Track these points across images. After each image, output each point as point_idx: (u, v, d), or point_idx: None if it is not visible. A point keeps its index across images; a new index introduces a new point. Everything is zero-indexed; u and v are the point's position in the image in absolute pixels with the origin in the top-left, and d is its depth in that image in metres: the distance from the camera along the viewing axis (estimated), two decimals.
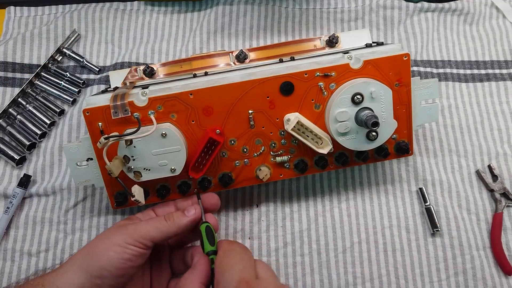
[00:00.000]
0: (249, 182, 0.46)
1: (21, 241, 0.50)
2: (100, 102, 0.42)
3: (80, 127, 0.54)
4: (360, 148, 0.43)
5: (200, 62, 0.50)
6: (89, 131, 0.42)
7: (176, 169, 0.42)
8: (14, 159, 0.52)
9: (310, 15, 0.59)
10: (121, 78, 0.51)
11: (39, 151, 0.54)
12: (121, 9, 0.60)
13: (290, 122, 0.42)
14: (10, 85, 0.56)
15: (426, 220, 0.50)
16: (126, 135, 0.39)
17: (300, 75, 0.42)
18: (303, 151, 0.45)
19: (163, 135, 0.40)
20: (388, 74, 0.43)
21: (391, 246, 0.50)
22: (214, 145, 0.42)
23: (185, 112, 0.42)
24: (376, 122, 0.39)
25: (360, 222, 0.51)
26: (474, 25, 0.60)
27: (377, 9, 0.59)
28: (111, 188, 0.45)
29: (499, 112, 0.56)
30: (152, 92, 0.42)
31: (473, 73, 0.58)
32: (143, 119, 0.42)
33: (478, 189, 0.52)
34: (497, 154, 0.54)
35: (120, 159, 0.40)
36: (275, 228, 0.51)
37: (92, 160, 0.44)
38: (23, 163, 0.53)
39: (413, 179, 0.53)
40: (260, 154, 0.45)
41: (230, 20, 0.59)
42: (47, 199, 0.51)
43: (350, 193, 0.52)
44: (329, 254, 0.49)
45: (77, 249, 0.50)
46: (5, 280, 0.49)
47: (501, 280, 0.48)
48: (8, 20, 0.59)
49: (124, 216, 0.51)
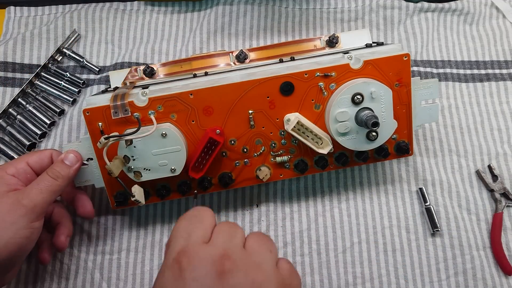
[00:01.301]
0: (249, 182, 0.46)
1: None
2: (100, 102, 0.42)
3: (80, 127, 0.54)
4: (360, 148, 0.43)
5: (200, 62, 0.50)
6: (89, 131, 0.42)
7: (176, 169, 0.42)
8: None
9: (310, 15, 0.59)
10: (121, 78, 0.51)
11: None
12: (121, 9, 0.60)
13: (290, 122, 0.42)
14: (10, 85, 0.56)
15: (426, 220, 0.50)
16: (126, 135, 0.39)
17: (300, 75, 0.42)
18: (303, 151, 0.45)
19: (163, 135, 0.40)
20: (388, 74, 0.43)
21: (391, 246, 0.50)
22: (214, 145, 0.42)
23: (185, 112, 0.42)
24: (376, 122, 0.39)
25: (360, 222, 0.51)
26: (474, 25, 0.60)
27: (377, 9, 0.59)
28: (111, 188, 0.45)
29: (499, 112, 0.56)
30: (152, 92, 0.42)
31: (473, 73, 0.58)
32: (143, 119, 0.42)
33: (478, 189, 0.52)
34: (497, 154, 0.54)
35: (120, 159, 0.40)
36: (275, 228, 0.51)
37: (92, 160, 0.44)
38: None
39: (413, 179, 0.53)
40: (260, 154, 0.45)
41: (230, 20, 0.59)
42: None
43: (350, 193, 0.52)
44: (329, 254, 0.49)
45: (77, 250, 0.50)
46: None
47: (501, 280, 0.48)
48: (8, 20, 0.59)
49: (124, 216, 0.51)
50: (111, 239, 0.50)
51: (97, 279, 0.49)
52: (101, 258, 0.50)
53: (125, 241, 0.50)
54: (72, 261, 0.49)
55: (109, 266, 0.49)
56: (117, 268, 0.49)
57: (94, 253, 0.50)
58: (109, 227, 0.51)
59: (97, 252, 0.50)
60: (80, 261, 0.49)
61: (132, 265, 0.49)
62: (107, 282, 0.49)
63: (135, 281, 0.49)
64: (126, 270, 0.49)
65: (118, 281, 0.49)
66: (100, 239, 0.50)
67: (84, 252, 0.50)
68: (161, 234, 0.50)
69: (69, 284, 0.49)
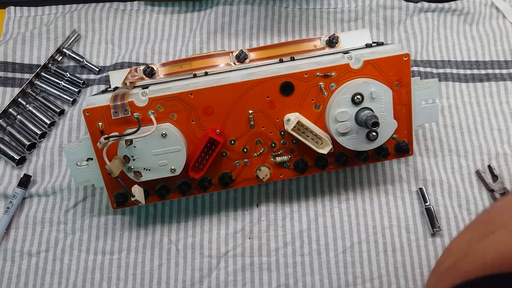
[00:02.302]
0: (249, 182, 0.46)
1: (21, 241, 0.50)
2: (100, 102, 0.42)
3: (80, 127, 0.54)
4: (360, 148, 0.43)
5: (200, 62, 0.50)
6: (89, 131, 0.42)
7: (176, 169, 0.42)
8: (14, 159, 0.52)
9: (310, 15, 0.59)
10: (121, 78, 0.52)
11: (39, 151, 0.54)
12: (121, 9, 0.60)
13: (290, 122, 0.42)
14: (10, 85, 0.56)
15: (426, 220, 0.50)
16: (126, 135, 0.39)
17: (300, 75, 0.42)
18: (303, 151, 0.45)
19: (163, 135, 0.40)
20: (388, 74, 0.43)
21: (391, 246, 0.50)
22: (214, 145, 0.42)
23: (185, 112, 0.42)
24: (376, 122, 0.39)
25: (360, 222, 0.51)
26: (474, 25, 0.60)
27: (377, 9, 0.59)
28: (111, 188, 0.45)
29: (499, 112, 0.56)
30: (152, 92, 0.42)
31: (473, 73, 0.58)
32: (143, 119, 0.42)
33: (478, 189, 0.52)
34: (497, 154, 0.54)
35: (120, 159, 0.40)
36: (275, 228, 0.51)
37: (92, 160, 0.44)
38: (23, 163, 0.53)
39: (413, 179, 0.53)
40: (260, 154, 0.45)
41: (230, 20, 0.59)
42: (47, 199, 0.51)
43: (350, 193, 0.52)
44: (329, 254, 0.49)
45: (77, 249, 0.50)
46: (5, 280, 0.49)
47: None
48: (8, 20, 0.59)
49: (124, 216, 0.51)
50: (111, 239, 0.50)
51: (97, 279, 0.49)
52: (101, 258, 0.50)
53: (125, 241, 0.50)
54: (72, 261, 0.49)
55: (109, 266, 0.49)
56: (117, 268, 0.49)
57: (94, 253, 0.50)
58: (109, 227, 0.51)
59: (97, 252, 0.50)
60: (80, 261, 0.49)
61: (133, 265, 0.49)
62: (107, 282, 0.49)
63: (136, 281, 0.49)
64: (126, 270, 0.49)
65: (118, 281, 0.49)
66: (100, 239, 0.50)
67: (84, 252, 0.50)
68: (161, 234, 0.50)
69: (69, 284, 0.49)
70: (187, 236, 0.50)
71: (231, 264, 0.49)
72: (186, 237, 0.50)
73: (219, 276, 0.49)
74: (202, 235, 0.51)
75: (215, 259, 0.50)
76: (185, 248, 0.50)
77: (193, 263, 0.50)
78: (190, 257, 0.50)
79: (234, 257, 0.50)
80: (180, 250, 0.50)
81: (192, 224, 0.51)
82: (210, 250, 0.50)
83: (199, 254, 0.50)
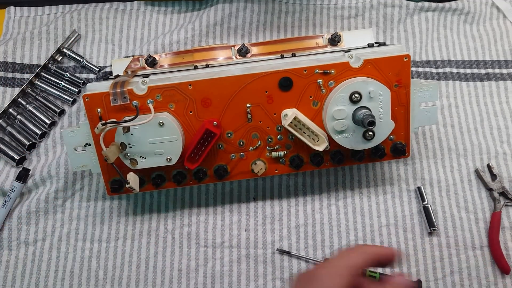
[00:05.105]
0: (244, 175, 0.46)
1: (17, 231, 0.51)
2: (100, 88, 0.42)
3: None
4: (356, 147, 0.43)
5: (202, 55, 0.51)
6: (88, 117, 0.42)
7: (172, 159, 0.42)
8: (14, 159, 0.52)
9: (310, 10, 0.59)
10: (124, 67, 0.52)
11: (39, 151, 0.54)
12: (121, 9, 0.60)
13: (287, 117, 0.42)
14: (10, 85, 0.56)
15: (423, 219, 0.50)
16: (124, 122, 0.40)
17: (299, 71, 0.42)
18: (299, 148, 0.45)
19: (160, 124, 0.41)
20: (387, 74, 0.43)
21: (388, 245, 0.50)
22: (210, 136, 0.42)
23: (183, 102, 0.42)
24: (373, 122, 0.39)
25: (357, 220, 0.51)
26: (475, 24, 0.60)
27: (378, 6, 0.58)
28: (108, 175, 0.45)
29: (499, 111, 0.56)
30: (152, 81, 0.42)
31: (473, 73, 0.58)
32: (142, 107, 0.42)
33: (477, 188, 0.52)
34: (497, 153, 0.54)
35: (117, 145, 0.41)
36: (272, 222, 0.51)
37: (90, 145, 0.44)
38: (23, 163, 0.53)
39: (412, 178, 0.53)
40: (256, 148, 0.45)
41: (230, 14, 0.58)
42: (43, 189, 0.52)
43: (348, 191, 0.52)
44: (325, 251, 0.50)
45: (74, 238, 0.50)
46: (2, 269, 0.50)
47: (496, 279, 0.48)
48: (8, 20, 0.59)
49: (120, 205, 0.51)
50: (108, 227, 0.51)
51: (94, 267, 0.50)
52: (98, 246, 0.50)
53: (121, 229, 0.51)
54: (69, 250, 0.50)
55: (106, 254, 0.50)
56: (114, 256, 0.50)
57: (90, 241, 0.50)
58: (105, 215, 0.51)
59: (94, 240, 0.51)
60: (77, 249, 0.50)
61: (129, 253, 0.50)
62: (103, 270, 0.49)
63: (131, 268, 0.49)
64: (122, 258, 0.50)
65: (115, 268, 0.50)
66: (96, 227, 0.51)
67: (81, 240, 0.51)
68: (157, 222, 0.51)
69: (66, 272, 0.49)
70: (183, 225, 0.51)
71: (227, 254, 0.50)
72: (182, 226, 0.51)
73: (215, 266, 0.49)
74: (198, 224, 0.51)
75: (210, 249, 0.50)
76: (181, 237, 0.51)
77: (189, 252, 0.50)
78: (186, 246, 0.50)
79: (230, 248, 0.50)
80: (176, 239, 0.50)
81: (188, 214, 0.51)
82: (206, 240, 0.50)
83: (195, 244, 0.50)
